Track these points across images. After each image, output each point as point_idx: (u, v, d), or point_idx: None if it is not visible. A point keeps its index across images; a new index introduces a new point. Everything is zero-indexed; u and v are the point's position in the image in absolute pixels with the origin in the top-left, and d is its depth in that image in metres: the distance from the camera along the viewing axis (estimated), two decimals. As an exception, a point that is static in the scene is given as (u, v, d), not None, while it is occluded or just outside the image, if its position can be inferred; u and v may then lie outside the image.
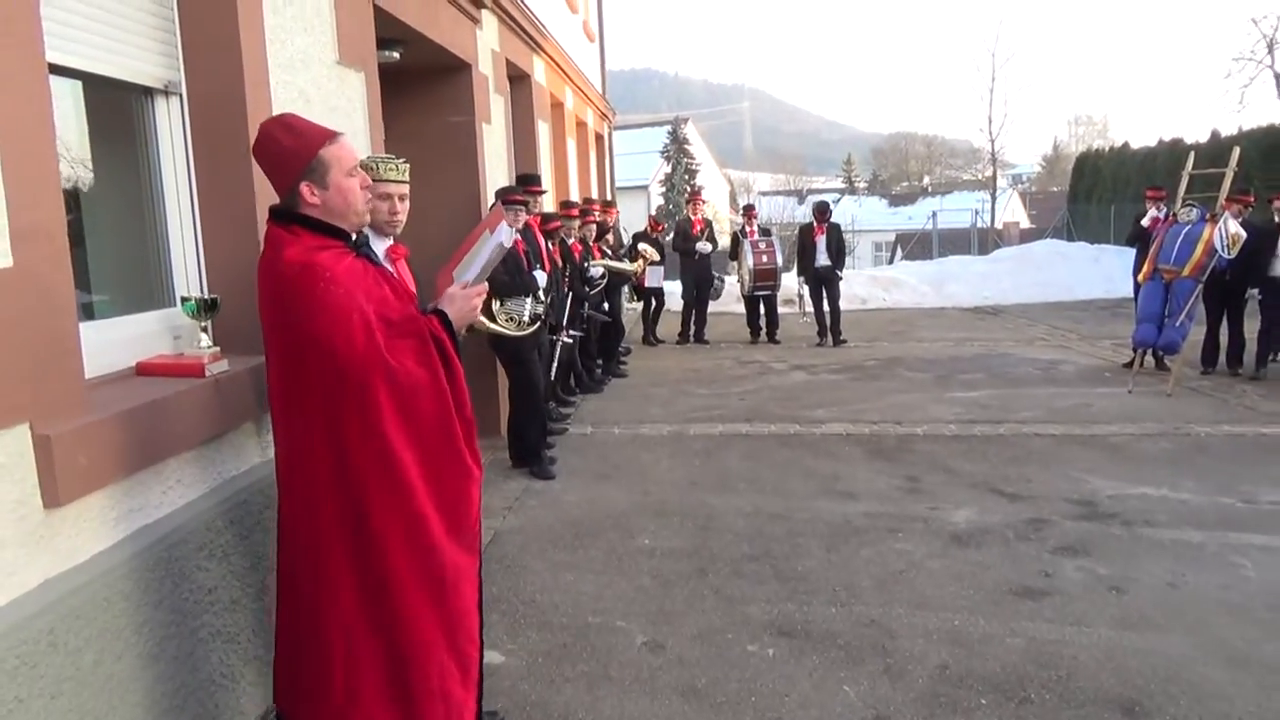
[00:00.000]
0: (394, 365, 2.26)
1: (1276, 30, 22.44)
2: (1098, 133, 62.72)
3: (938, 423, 7.10)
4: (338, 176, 2.34)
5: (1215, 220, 7.95)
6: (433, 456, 2.36)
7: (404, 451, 2.30)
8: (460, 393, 2.42)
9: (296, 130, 2.35)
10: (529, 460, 5.97)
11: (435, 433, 2.35)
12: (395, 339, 2.30)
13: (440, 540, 2.38)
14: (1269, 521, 4.78)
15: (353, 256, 2.38)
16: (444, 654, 2.42)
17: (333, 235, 2.37)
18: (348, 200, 2.37)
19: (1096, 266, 17.47)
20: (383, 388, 2.25)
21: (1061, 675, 3.28)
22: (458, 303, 2.48)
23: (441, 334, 2.39)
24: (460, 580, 2.45)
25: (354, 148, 2.45)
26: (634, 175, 35.33)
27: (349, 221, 2.41)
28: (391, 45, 5.40)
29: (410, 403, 2.30)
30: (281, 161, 2.34)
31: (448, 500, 2.40)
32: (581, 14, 12.60)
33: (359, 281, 2.32)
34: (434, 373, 2.34)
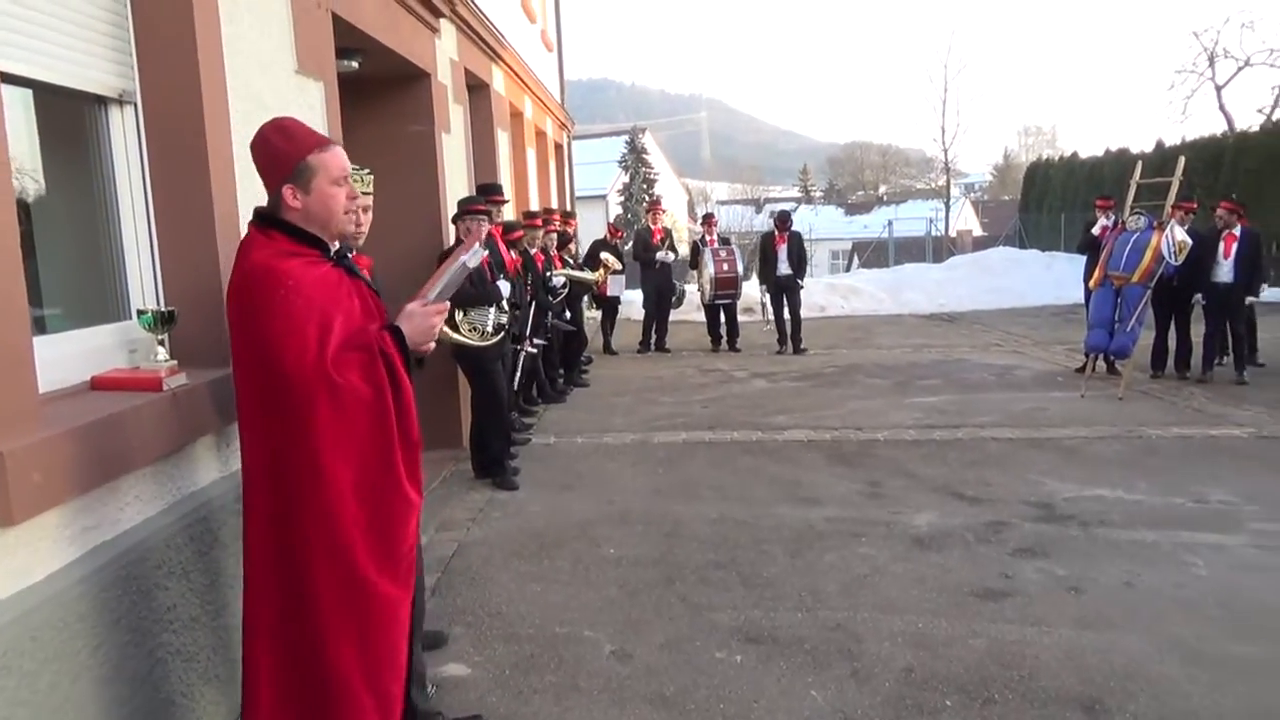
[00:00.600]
0: (337, 379, 2.19)
1: (1217, 43, 23.13)
2: (1047, 143, 64.00)
3: (897, 428, 7.18)
4: (322, 183, 2.34)
5: (1162, 228, 8.16)
6: (368, 477, 2.26)
7: (337, 468, 2.22)
8: (407, 413, 2.32)
9: (290, 133, 2.36)
10: (492, 471, 5.94)
11: (373, 453, 2.26)
12: (344, 351, 2.24)
13: (366, 568, 2.26)
14: (1218, 520, 4.90)
15: (328, 266, 2.34)
16: (362, 691, 2.30)
17: (309, 243, 2.35)
18: (329, 208, 2.36)
19: (1048, 273, 17.83)
20: (324, 401, 2.19)
21: (1024, 675, 3.33)
22: (415, 320, 2.39)
23: (392, 350, 2.30)
24: (387, 612, 2.32)
25: (345, 158, 2.42)
26: (592, 185, 35.33)
27: (329, 230, 2.39)
28: (351, 54, 5.36)
29: (350, 418, 2.22)
30: (270, 162, 2.36)
31: (380, 526, 2.29)
32: (540, 24, 12.61)
33: (327, 292, 2.27)
34: (379, 390, 2.25)
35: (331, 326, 2.23)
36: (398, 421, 2.29)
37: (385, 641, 2.34)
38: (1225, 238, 8.63)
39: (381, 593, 2.30)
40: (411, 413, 2.34)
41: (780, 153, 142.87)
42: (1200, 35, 24.12)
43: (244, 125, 3.45)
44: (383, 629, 2.33)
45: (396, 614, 2.36)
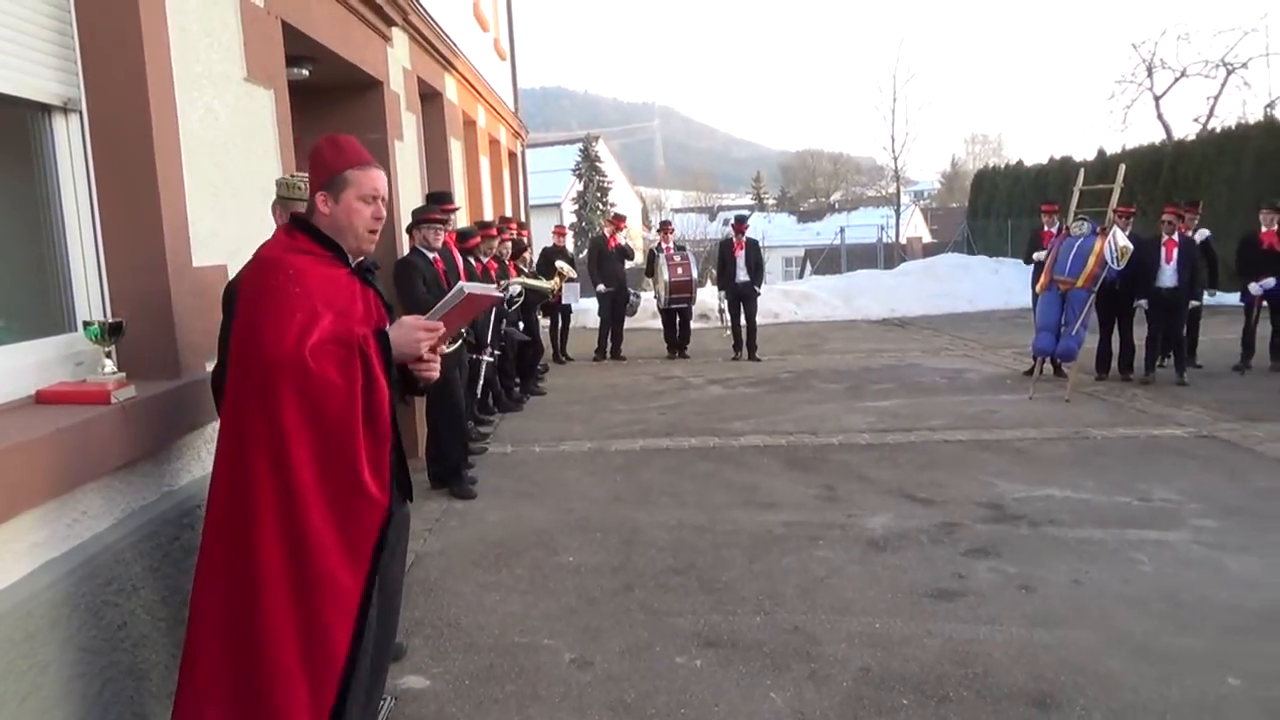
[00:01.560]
0: (311, 366, 2.30)
1: (1154, 55, 23.80)
2: (993, 151, 65.35)
3: (852, 432, 7.27)
4: (350, 196, 2.51)
5: (1105, 233, 8.38)
6: (328, 458, 2.33)
7: (298, 453, 2.31)
8: (378, 409, 2.39)
9: (340, 147, 2.56)
10: (449, 481, 5.90)
11: (336, 441, 2.34)
12: (326, 344, 2.35)
13: (319, 550, 2.32)
14: (1162, 518, 5.04)
15: (342, 270, 2.52)
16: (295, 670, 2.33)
17: (327, 246, 2.53)
18: (351, 220, 2.53)
19: (996, 278, 18.19)
20: (292, 385, 2.30)
21: (978, 673, 3.39)
22: (403, 329, 2.49)
23: (371, 350, 2.38)
24: (331, 593, 2.34)
25: (383, 180, 2.57)
26: (546, 193, 35.28)
27: (347, 241, 2.54)
28: (301, 62, 5.31)
29: (317, 400, 2.31)
30: (316, 168, 2.56)
31: (340, 516, 2.35)
32: (492, 32, 12.59)
33: (329, 289, 2.44)
34: (349, 379, 2.34)
35: (320, 319, 2.36)
36: (365, 413, 2.37)
37: (323, 621, 2.34)
38: (1167, 243, 8.88)
39: (328, 570, 2.33)
40: (383, 410, 2.41)
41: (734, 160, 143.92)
42: (1139, 47, 24.96)
43: (192, 133, 3.41)
44: (326, 616, 2.34)
45: (344, 604, 2.37)
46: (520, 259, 9.32)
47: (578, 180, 41.07)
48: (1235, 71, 23.03)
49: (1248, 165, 16.16)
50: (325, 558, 2.33)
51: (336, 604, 2.35)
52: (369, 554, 2.41)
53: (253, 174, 3.98)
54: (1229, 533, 4.77)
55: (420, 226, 5.76)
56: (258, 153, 4.07)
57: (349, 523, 2.36)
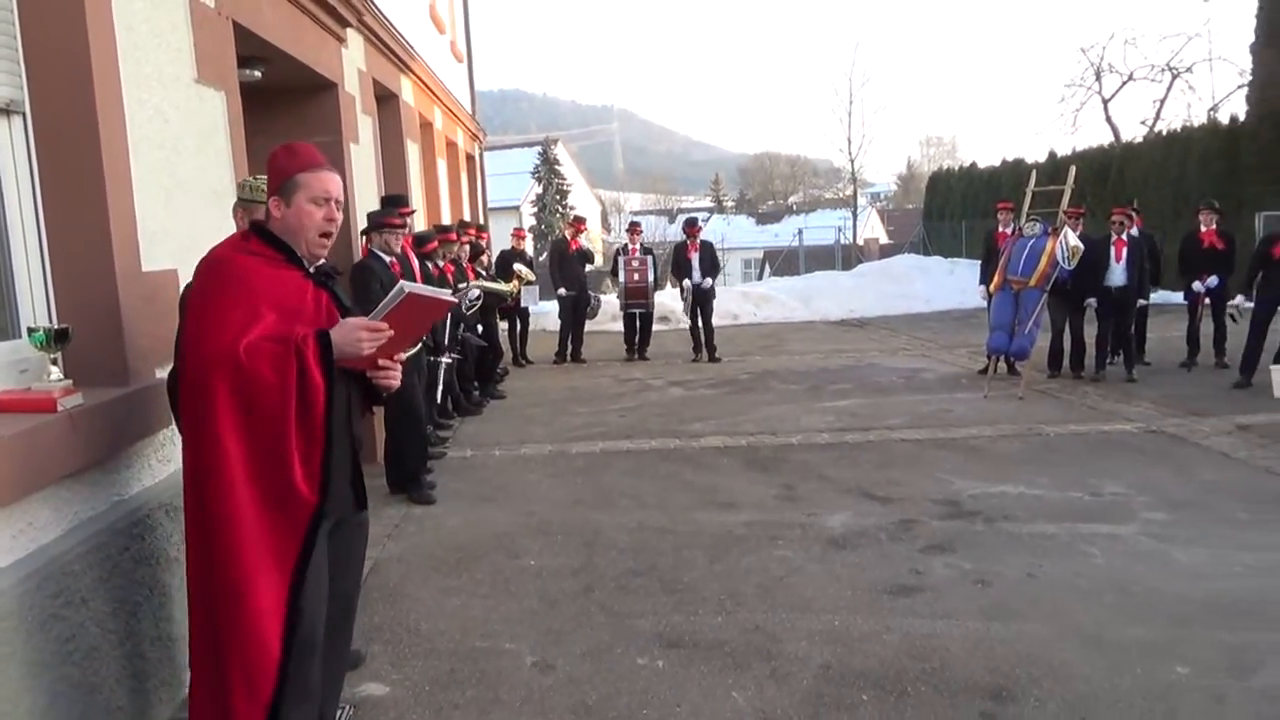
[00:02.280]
0: (243, 361, 2.32)
1: (1103, 59, 24.31)
2: (947, 153, 66.36)
3: (811, 432, 7.33)
4: (301, 199, 2.53)
5: (1057, 234, 8.55)
6: (259, 454, 2.36)
7: (230, 440, 2.34)
8: (312, 408, 2.38)
9: (294, 152, 2.59)
10: (408, 486, 5.85)
11: (267, 430, 2.36)
12: (263, 342, 2.36)
13: (249, 545, 2.35)
14: (1112, 512, 5.14)
15: (295, 272, 2.53)
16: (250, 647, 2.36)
17: (278, 248, 2.54)
18: (302, 223, 2.54)
19: (951, 279, 18.45)
20: (228, 381, 2.33)
21: (935, 667, 3.44)
22: (344, 330, 2.46)
23: (307, 349, 2.38)
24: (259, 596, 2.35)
25: (335, 183, 2.58)
26: (505, 196, 35.15)
27: (298, 242, 2.55)
28: (253, 63, 5.24)
29: (249, 396, 2.34)
30: (271, 173, 2.59)
31: (269, 512, 2.38)
32: (449, 34, 12.51)
33: (275, 289, 2.46)
34: (282, 377, 2.35)
35: (261, 318, 2.38)
36: (299, 412, 2.37)
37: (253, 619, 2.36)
38: (1116, 243, 9.07)
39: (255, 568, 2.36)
40: (317, 410, 2.40)
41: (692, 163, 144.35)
42: (1087, 51, 25.36)
43: (141, 136, 3.35)
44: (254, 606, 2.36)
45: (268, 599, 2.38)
46: (478, 262, 9.26)
47: (537, 183, 40.92)
48: (1180, 76, 23.64)
49: (1192, 166, 16.58)
50: (253, 555, 2.36)
51: (264, 602, 2.37)
52: (296, 553, 2.42)
53: (205, 177, 3.92)
54: (1177, 525, 4.89)
55: (380, 230, 5.71)
56: (209, 155, 4.01)
57: (278, 521, 2.39)
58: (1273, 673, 3.32)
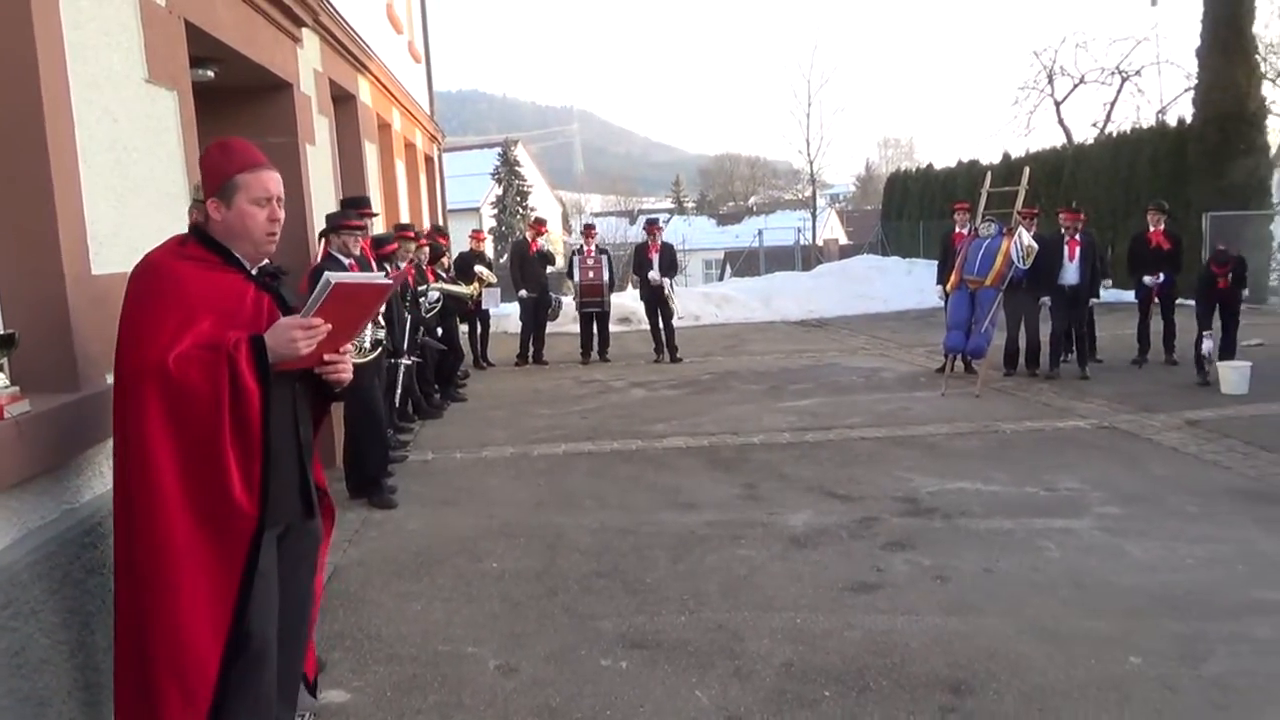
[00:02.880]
0: (172, 371, 2.28)
1: (1055, 62, 24.75)
2: (905, 154, 67.13)
3: (772, 431, 7.38)
4: (242, 201, 2.47)
5: (1012, 234, 8.69)
6: (191, 465, 2.33)
7: (160, 451, 2.31)
8: (247, 416, 2.35)
9: (229, 151, 2.52)
10: (368, 490, 5.79)
11: (200, 441, 2.33)
12: (195, 349, 2.32)
13: (182, 558, 2.32)
14: (1067, 506, 5.24)
15: (234, 276, 2.47)
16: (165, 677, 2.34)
17: (216, 251, 2.48)
18: (245, 225, 2.48)
19: (909, 279, 18.67)
20: (155, 390, 2.29)
21: (896, 662, 3.48)
22: (277, 331, 2.40)
23: (239, 354, 2.33)
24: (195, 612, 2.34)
25: (276, 181, 2.52)
26: (465, 198, 34.91)
27: (244, 247, 2.50)
28: (206, 63, 5.16)
29: (179, 406, 2.30)
30: (207, 174, 2.51)
31: (204, 524, 2.34)
32: (407, 34, 12.41)
33: (212, 294, 2.40)
34: (214, 385, 2.31)
35: (195, 324, 2.33)
36: (233, 421, 2.34)
37: (189, 634, 2.34)
38: (1069, 242, 9.24)
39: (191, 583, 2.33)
40: (253, 418, 2.36)
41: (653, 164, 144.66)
42: (1040, 54, 25.87)
43: (90, 137, 3.29)
44: (189, 622, 2.34)
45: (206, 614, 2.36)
46: (438, 264, 9.20)
47: (497, 184, 40.71)
48: (1129, 79, 24.13)
49: (1141, 168, 16.94)
50: (185, 573, 2.33)
51: (196, 620, 2.34)
52: (240, 567, 2.38)
53: (156, 178, 3.85)
54: (1130, 519, 4.99)
55: (338, 232, 5.64)
56: (162, 157, 3.94)
57: (215, 536, 2.36)
58: (1222, 661, 3.40)
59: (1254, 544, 4.56)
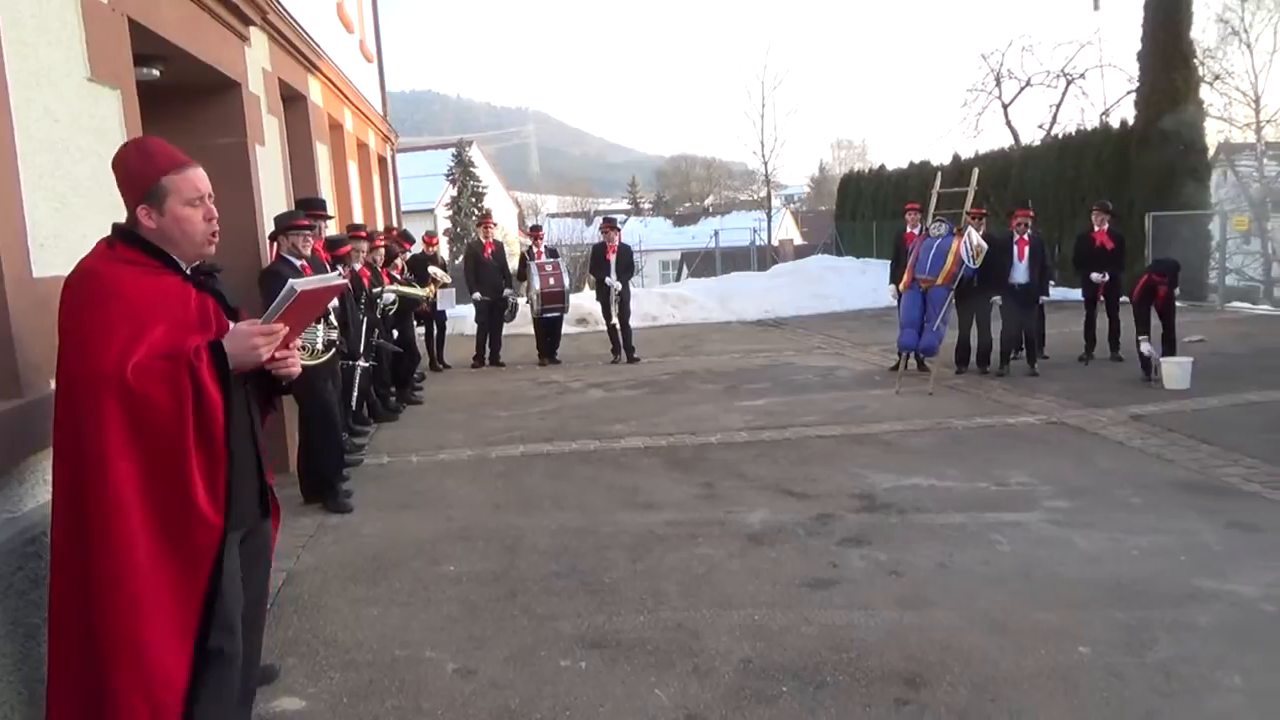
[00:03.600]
0: (131, 383, 2.22)
1: (1002, 65, 25.17)
2: (858, 155, 67.89)
3: (729, 430, 7.42)
4: (175, 205, 2.39)
5: (961, 234, 8.84)
6: (155, 479, 2.28)
7: (121, 467, 2.24)
8: (211, 425, 2.31)
9: (147, 153, 2.42)
10: (323, 494, 5.71)
11: (163, 455, 2.28)
12: (153, 359, 2.26)
13: (144, 576, 2.27)
14: (1018, 501, 5.34)
15: (173, 279, 2.39)
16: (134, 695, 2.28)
17: (157, 257, 2.40)
18: (183, 229, 2.41)
19: (864, 279, 18.89)
20: (114, 404, 2.23)
21: (853, 656, 3.52)
22: (237, 338, 2.38)
23: (200, 362, 2.29)
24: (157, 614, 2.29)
25: (204, 178, 2.44)
26: (419, 199, 34.64)
27: (184, 250, 2.43)
28: (151, 62, 5.06)
29: (141, 419, 2.24)
30: (126, 182, 2.42)
31: (169, 539, 2.29)
32: (358, 34, 12.27)
33: (156, 300, 2.32)
34: (177, 396, 2.26)
35: (146, 333, 2.27)
36: (198, 431, 2.30)
37: (155, 648, 2.29)
38: (1019, 242, 9.41)
39: (156, 597, 2.29)
40: (216, 427, 2.33)
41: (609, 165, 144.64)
42: (988, 57, 26.17)
43: (30, 136, 3.21)
44: (155, 635, 2.29)
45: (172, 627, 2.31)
46: (392, 265, 9.11)
47: (452, 185, 40.41)
48: (1074, 82, 24.61)
49: (1086, 169, 17.31)
50: (153, 583, 2.27)
51: (168, 630, 2.30)
52: (205, 577, 2.34)
53: (99, 179, 3.75)
54: (1078, 512, 5.10)
55: (287, 234, 5.56)
56: (104, 156, 3.82)
57: (181, 546, 2.31)
58: (1166, 649, 3.49)
59: (1196, 535, 4.69)
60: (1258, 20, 19.51)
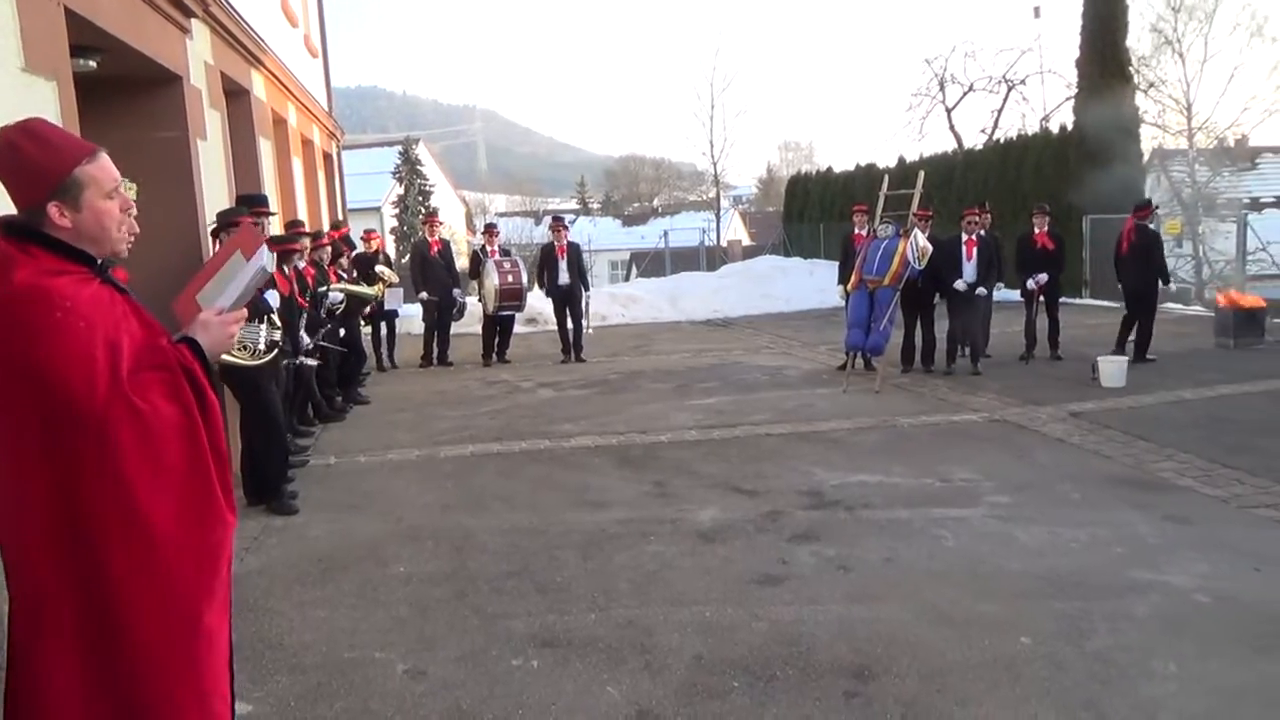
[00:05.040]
0: (140, 405, 2.03)
1: (945, 70, 25.60)
2: (805, 158, 68.41)
3: (680, 429, 7.45)
4: (94, 198, 2.10)
5: (907, 235, 8.99)
6: (190, 505, 2.12)
7: (152, 500, 2.06)
8: (216, 429, 2.20)
9: (47, 142, 2.09)
10: (267, 496, 5.61)
11: (189, 477, 2.12)
12: (141, 372, 2.08)
13: (196, 603, 2.13)
14: (961, 496, 5.45)
15: (98, 284, 2.12)
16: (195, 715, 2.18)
17: (77, 259, 2.11)
18: (103, 225, 2.13)
19: (811, 279, 19.09)
20: (126, 430, 2.02)
21: (802, 651, 3.56)
22: (212, 330, 2.26)
23: (193, 364, 2.18)
24: (215, 645, 2.21)
25: (113, 166, 2.16)
26: (365, 197, 34.14)
27: (101, 247, 2.15)
28: (89, 53, 4.93)
29: (160, 445, 2.07)
30: (24, 176, 2.07)
31: (204, 553, 2.16)
32: (302, 28, 12.07)
33: (104, 312, 2.08)
34: (186, 408, 2.12)
35: (120, 348, 2.06)
36: (209, 439, 2.17)
37: (214, 671, 2.20)
38: (967, 242, 9.60)
39: (208, 626, 2.16)
40: (219, 427, 2.22)
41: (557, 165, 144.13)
42: (931, 62, 26.54)
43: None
44: (213, 658, 2.20)
45: (221, 641, 2.25)
46: (338, 264, 8.97)
47: (398, 183, 39.96)
48: (1015, 87, 25.13)
49: (1027, 172, 17.71)
50: (202, 607, 2.14)
51: (216, 646, 2.21)
52: (227, 577, 2.28)
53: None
54: (1019, 507, 5.22)
55: (228, 230, 5.45)
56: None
57: (215, 558, 2.19)
58: (1104, 638, 3.59)
59: (1132, 527, 4.83)
60: (1189, 30, 20.09)
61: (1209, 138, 21.50)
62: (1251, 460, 5.94)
